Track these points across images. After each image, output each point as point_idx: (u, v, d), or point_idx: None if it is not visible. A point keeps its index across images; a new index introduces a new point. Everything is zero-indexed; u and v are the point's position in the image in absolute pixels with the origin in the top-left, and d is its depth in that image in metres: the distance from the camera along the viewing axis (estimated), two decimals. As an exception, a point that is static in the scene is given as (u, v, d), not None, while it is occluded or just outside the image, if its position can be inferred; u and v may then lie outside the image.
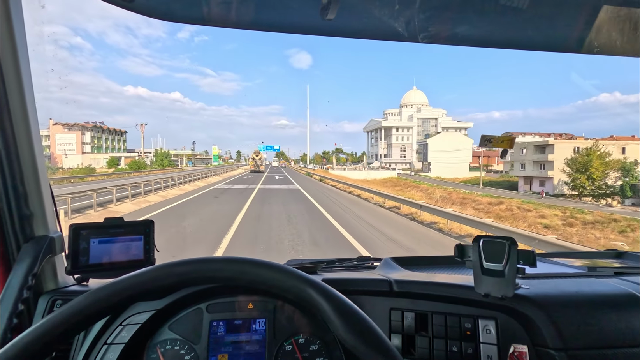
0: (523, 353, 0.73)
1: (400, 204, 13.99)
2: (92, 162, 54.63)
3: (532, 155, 43.10)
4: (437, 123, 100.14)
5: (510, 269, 0.69)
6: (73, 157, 60.86)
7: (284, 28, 0.73)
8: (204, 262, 0.50)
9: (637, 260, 1.10)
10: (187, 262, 0.50)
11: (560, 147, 40.14)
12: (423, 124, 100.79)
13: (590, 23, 0.64)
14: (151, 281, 0.48)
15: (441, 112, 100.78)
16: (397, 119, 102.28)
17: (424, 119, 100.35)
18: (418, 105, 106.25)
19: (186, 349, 0.78)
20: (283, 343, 0.80)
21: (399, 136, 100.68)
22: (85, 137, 71.55)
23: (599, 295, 0.77)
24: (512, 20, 0.64)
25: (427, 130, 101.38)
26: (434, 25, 0.67)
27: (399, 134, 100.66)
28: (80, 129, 69.59)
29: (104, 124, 78.39)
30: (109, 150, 76.04)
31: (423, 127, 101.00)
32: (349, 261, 1.14)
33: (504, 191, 38.60)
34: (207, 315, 0.81)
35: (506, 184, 52.13)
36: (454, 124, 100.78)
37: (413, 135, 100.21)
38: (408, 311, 0.81)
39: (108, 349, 0.73)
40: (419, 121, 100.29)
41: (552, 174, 39.80)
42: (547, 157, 40.72)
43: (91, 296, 0.45)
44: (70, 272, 0.83)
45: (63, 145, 65.08)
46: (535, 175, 42.95)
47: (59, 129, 66.68)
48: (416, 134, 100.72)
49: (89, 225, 0.85)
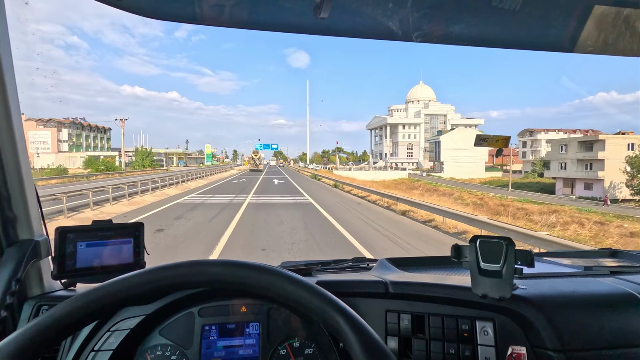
0: (521, 354, 0.72)
1: (417, 209, 11.61)
2: (66, 162, 47.74)
3: (576, 154, 36.92)
4: (446, 120, 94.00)
5: (508, 270, 0.69)
6: (46, 156, 54.21)
7: (277, 27, 0.72)
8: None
9: (633, 259, 1.09)
10: (188, 265, 0.48)
11: (614, 143, 33.91)
12: (431, 120, 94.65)
13: (583, 23, 0.65)
14: (145, 284, 0.46)
15: (450, 108, 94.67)
16: (403, 115, 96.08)
17: (432, 115, 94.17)
18: (425, 100, 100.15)
19: (177, 355, 0.75)
20: (277, 347, 0.78)
21: (406, 134, 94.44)
22: (62, 134, 64.77)
23: (596, 295, 0.77)
24: (505, 19, 0.65)
25: (436, 127, 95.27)
26: (427, 24, 0.67)
27: (405, 131, 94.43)
28: (57, 125, 62.68)
29: (84, 120, 71.51)
30: (90, 149, 69.10)
31: (431, 124, 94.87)
32: (344, 262, 1.12)
33: (537, 195, 32.63)
34: (199, 319, 0.78)
35: (536, 186, 46.04)
36: (464, 121, 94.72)
37: (420, 132, 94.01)
38: (404, 313, 0.79)
39: (96, 356, 0.70)
40: (427, 118, 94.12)
41: (603, 175, 33.56)
42: (596, 155, 34.54)
43: (78, 300, 0.44)
44: (57, 277, 0.80)
45: (36, 143, 58.39)
46: (580, 176, 36.73)
47: (32, 125, 59.90)
48: (424, 132, 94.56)
49: (76, 228, 0.82)
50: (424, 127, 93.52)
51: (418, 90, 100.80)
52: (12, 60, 0.74)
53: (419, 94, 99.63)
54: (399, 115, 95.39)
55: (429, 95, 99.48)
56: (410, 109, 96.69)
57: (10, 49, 0.74)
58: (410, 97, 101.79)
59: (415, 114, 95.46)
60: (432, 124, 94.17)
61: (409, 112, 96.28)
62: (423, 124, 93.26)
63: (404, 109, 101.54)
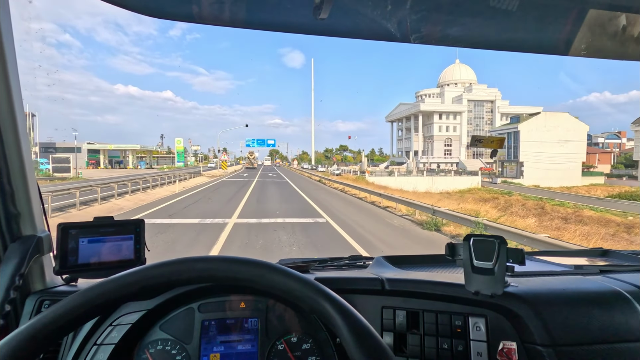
0: (512, 349, 0.74)
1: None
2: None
3: None
4: (494, 107, 72.66)
5: (500, 267, 0.71)
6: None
7: (276, 27, 0.72)
8: (219, 261, 0.49)
9: (622, 259, 1.12)
10: (191, 260, 0.49)
11: None
12: (475, 108, 73.27)
13: (577, 26, 0.66)
14: (138, 282, 0.47)
15: (496, 93, 73.27)
16: (438, 102, 74.56)
17: (475, 101, 72.80)
18: (464, 83, 78.78)
19: (177, 349, 0.77)
20: (275, 342, 0.80)
21: (443, 125, 72.95)
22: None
23: (585, 293, 0.79)
24: (502, 22, 0.66)
25: (481, 116, 73.75)
26: (425, 26, 0.68)
27: (442, 122, 72.90)
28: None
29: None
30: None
31: (474, 112, 73.46)
32: (341, 260, 1.13)
33: None
34: (199, 315, 0.80)
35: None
36: (516, 109, 73.42)
37: (462, 123, 72.50)
38: (400, 309, 0.81)
39: (98, 350, 0.72)
40: (470, 105, 72.72)
41: None
42: None
43: (81, 296, 0.44)
44: (59, 272, 0.82)
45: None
46: None
47: None
48: (466, 123, 73.01)
49: (78, 225, 0.83)
50: (466, 117, 72.08)
51: (454, 70, 79.58)
52: (16, 58, 0.75)
53: (456, 74, 78.31)
54: (431, 102, 73.87)
55: (469, 76, 78.15)
56: (447, 93, 75.21)
57: (14, 47, 0.75)
58: (444, 78, 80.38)
59: (454, 100, 74.02)
60: (475, 112, 72.85)
61: (444, 97, 74.80)
62: (466, 112, 71.86)
63: (437, 93, 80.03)
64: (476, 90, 72.24)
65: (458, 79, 78.57)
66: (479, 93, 72.22)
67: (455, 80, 78.69)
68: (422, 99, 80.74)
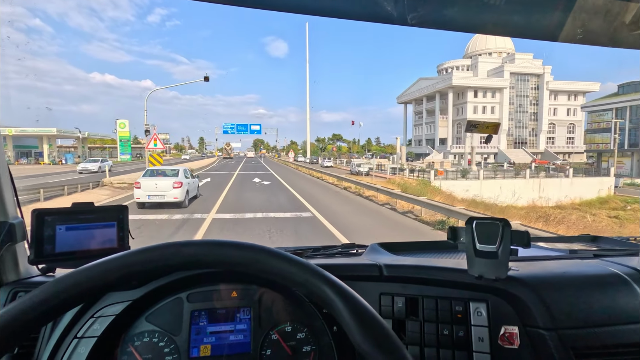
0: (513, 334, 0.74)
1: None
2: None
3: None
4: (542, 83, 57.57)
5: (504, 251, 0.70)
6: None
7: (267, 4, 0.66)
8: (208, 245, 0.46)
9: (613, 244, 1.15)
10: (184, 244, 0.45)
11: None
12: (517, 83, 57.99)
13: (568, 12, 0.65)
14: (121, 268, 0.43)
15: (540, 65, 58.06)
16: (469, 75, 58.89)
17: (518, 74, 57.51)
18: (501, 52, 63.25)
19: (165, 341, 0.73)
20: (269, 332, 0.77)
21: (479, 106, 57.59)
22: None
23: (585, 276, 0.79)
24: (497, 6, 0.64)
25: (524, 93, 58.57)
26: (423, 6, 0.64)
27: (477, 101, 57.46)
28: None
29: None
30: None
31: (516, 89, 58.23)
32: (334, 248, 1.12)
33: None
34: (188, 305, 0.76)
35: None
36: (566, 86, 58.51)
37: (503, 102, 57.34)
38: (398, 296, 0.80)
39: (79, 343, 0.67)
40: (512, 79, 57.40)
41: None
42: None
43: (58, 284, 0.41)
44: (34, 262, 0.77)
45: None
46: None
47: None
48: (508, 102, 57.84)
49: (55, 211, 0.77)
50: (508, 94, 56.83)
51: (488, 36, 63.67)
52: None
53: (490, 41, 62.47)
54: (463, 76, 58.09)
55: (506, 44, 62.53)
56: (482, 65, 59.50)
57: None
58: (473, 47, 64.50)
59: (490, 73, 58.49)
60: (517, 90, 57.70)
61: (478, 69, 59.12)
62: (508, 88, 56.54)
63: (467, 65, 64.20)
64: (519, 60, 56.83)
65: (493, 48, 62.95)
66: (524, 64, 56.83)
67: (490, 49, 63.03)
68: (446, 72, 64.81)
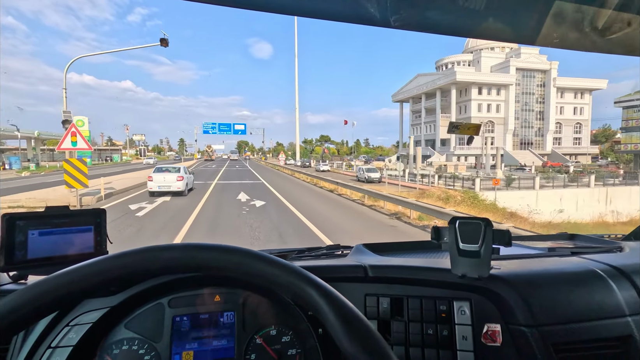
0: (496, 332, 0.75)
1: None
2: None
3: None
4: (549, 80, 54.06)
5: (486, 250, 0.71)
6: None
7: (251, 4, 0.65)
8: (189, 248, 0.45)
9: (589, 241, 1.18)
10: (166, 248, 0.44)
11: None
12: (523, 80, 54.29)
13: (544, 17, 0.65)
14: (97, 274, 0.41)
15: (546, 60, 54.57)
16: (471, 71, 54.82)
17: (524, 70, 53.82)
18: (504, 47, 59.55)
19: (146, 349, 0.71)
20: (254, 336, 0.76)
21: (483, 103, 53.58)
22: None
23: (564, 273, 0.81)
24: (480, 9, 0.64)
25: (530, 90, 54.91)
26: (405, 8, 0.64)
27: (482, 98, 53.42)
28: None
29: None
30: None
31: (522, 86, 54.51)
32: (319, 250, 1.12)
33: None
34: (170, 310, 0.74)
35: None
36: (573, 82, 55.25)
37: (508, 100, 53.48)
38: (383, 296, 0.80)
39: (53, 353, 0.65)
40: (518, 75, 53.63)
41: None
42: None
43: (29, 291, 0.39)
44: (5, 269, 0.73)
45: None
46: None
47: None
48: (514, 100, 54.01)
49: (27, 215, 0.74)
50: (514, 92, 53.00)
51: (490, 29, 59.94)
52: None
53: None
54: (466, 72, 53.97)
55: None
56: (485, 60, 55.54)
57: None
58: (474, 42, 60.56)
59: (494, 69, 54.61)
60: (523, 86, 54.01)
61: (481, 64, 55.14)
62: (514, 85, 52.72)
63: (469, 61, 60.18)
64: (525, 55, 53.08)
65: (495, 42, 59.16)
66: (530, 59, 53.11)
67: (492, 43, 59.14)
68: (446, 68, 60.70)
